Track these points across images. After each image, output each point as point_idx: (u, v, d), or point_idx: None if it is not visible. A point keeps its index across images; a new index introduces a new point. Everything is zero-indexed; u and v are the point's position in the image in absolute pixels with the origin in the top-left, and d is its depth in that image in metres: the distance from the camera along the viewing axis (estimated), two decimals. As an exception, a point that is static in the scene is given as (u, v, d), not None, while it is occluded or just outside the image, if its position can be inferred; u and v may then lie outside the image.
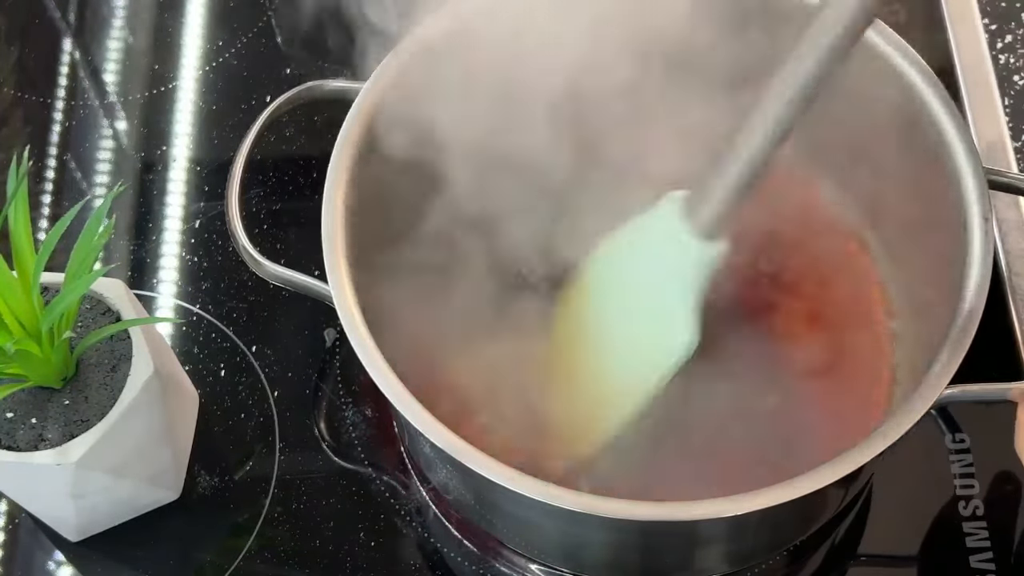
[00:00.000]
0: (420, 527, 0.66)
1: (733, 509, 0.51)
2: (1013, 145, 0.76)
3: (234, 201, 0.61)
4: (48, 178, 0.79)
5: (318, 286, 0.58)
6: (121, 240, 0.76)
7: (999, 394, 0.55)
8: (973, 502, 0.65)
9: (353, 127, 0.60)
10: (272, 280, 0.60)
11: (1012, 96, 0.78)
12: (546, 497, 0.51)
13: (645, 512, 0.51)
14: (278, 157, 0.78)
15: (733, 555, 0.62)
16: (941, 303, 0.56)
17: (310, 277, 0.59)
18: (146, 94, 0.82)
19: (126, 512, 0.65)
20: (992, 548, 0.64)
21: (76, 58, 0.84)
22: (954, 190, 0.58)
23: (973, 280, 0.55)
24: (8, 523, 0.67)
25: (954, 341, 0.53)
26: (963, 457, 0.66)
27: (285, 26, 0.84)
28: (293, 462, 0.68)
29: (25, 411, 0.59)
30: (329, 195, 0.59)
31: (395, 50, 0.62)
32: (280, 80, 0.81)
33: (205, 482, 0.67)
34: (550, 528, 0.59)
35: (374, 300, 0.57)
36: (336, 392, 0.70)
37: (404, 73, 0.62)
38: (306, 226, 0.73)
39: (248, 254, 0.60)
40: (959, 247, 0.56)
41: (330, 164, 0.60)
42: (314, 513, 0.66)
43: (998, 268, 0.71)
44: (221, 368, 0.71)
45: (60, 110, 0.82)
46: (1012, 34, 0.81)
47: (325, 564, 0.65)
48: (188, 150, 0.80)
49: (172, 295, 0.74)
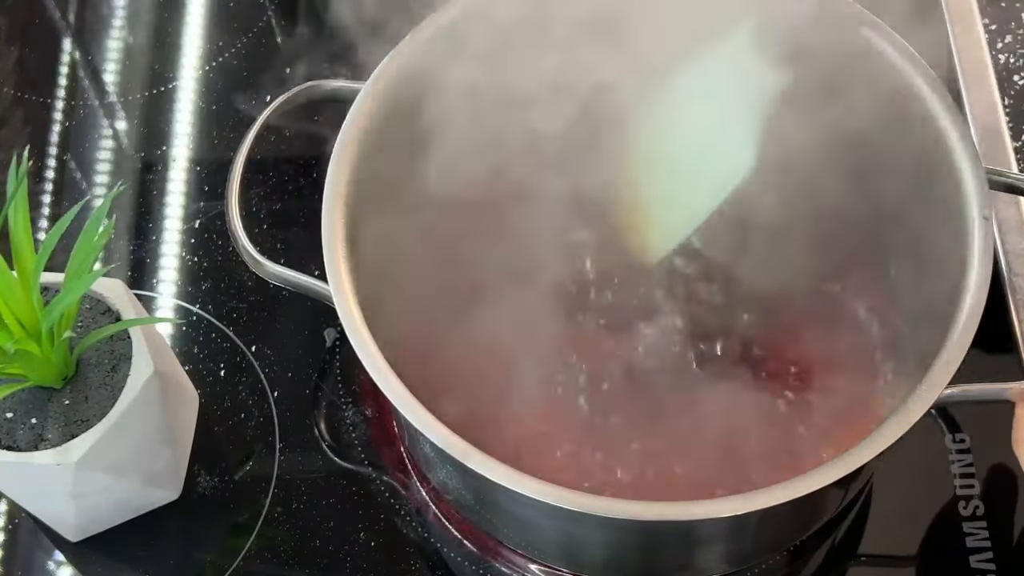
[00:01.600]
0: (420, 527, 0.66)
1: (732, 509, 0.50)
2: (1013, 145, 0.76)
3: (234, 201, 0.61)
4: (48, 178, 0.79)
5: (318, 286, 0.58)
6: (121, 240, 0.76)
7: (998, 394, 0.55)
8: (973, 502, 0.65)
9: (353, 127, 0.60)
10: (272, 280, 0.60)
11: (1012, 96, 0.78)
12: (545, 496, 0.51)
13: (644, 512, 0.51)
14: (278, 157, 0.78)
15: (733, 555, 0.62)
16: (941, 302, 0.56)
17: (310, 277, 0.59)
18: (146, 94, 0.82)
19: (126, 512, 0.65)
20: (992, 548, 0.64)
21: (76, 58, 0.84)
22: (954, 189, 0.58)
23: (973, 280, 0.55)
24: (8, 523, 0.67)
25: (954, 341, 0.53)
26: (963, 457, 0.66)
27: (285, 26, 0.84)
28: (293, 462, 0.68)
29: (25, 411, 0.59)
30: (329, 195, 0.59)
31: (395, 49, 0.62)
32: (280, 80, 0.81)
33: (205, 482, 0.67)
34: (550, 528, 0.59)
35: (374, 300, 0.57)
36: (336, 392, 0.70)
37: (404, 73, 0.62)
38: (306, 226, 0.73)
39: (248, 254, 0.60)
40: (959, 246, 0.56)
41: (330, 164, 0.59)
42: (314, 513, 0.66)
43: (998, 268, 0.71)
44: (221, 368, 0.71)
45: (60, 110, 0.82)
46: (1012, 34, 0.81)
47: (325, 564, 0.65)
48: (188, 150, 0.80)
49: (172, 295, 0.74)
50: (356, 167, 0.60)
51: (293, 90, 0.64)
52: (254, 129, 0.62)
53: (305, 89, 0.64)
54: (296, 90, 0.64)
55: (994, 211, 0.72)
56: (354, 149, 0.60)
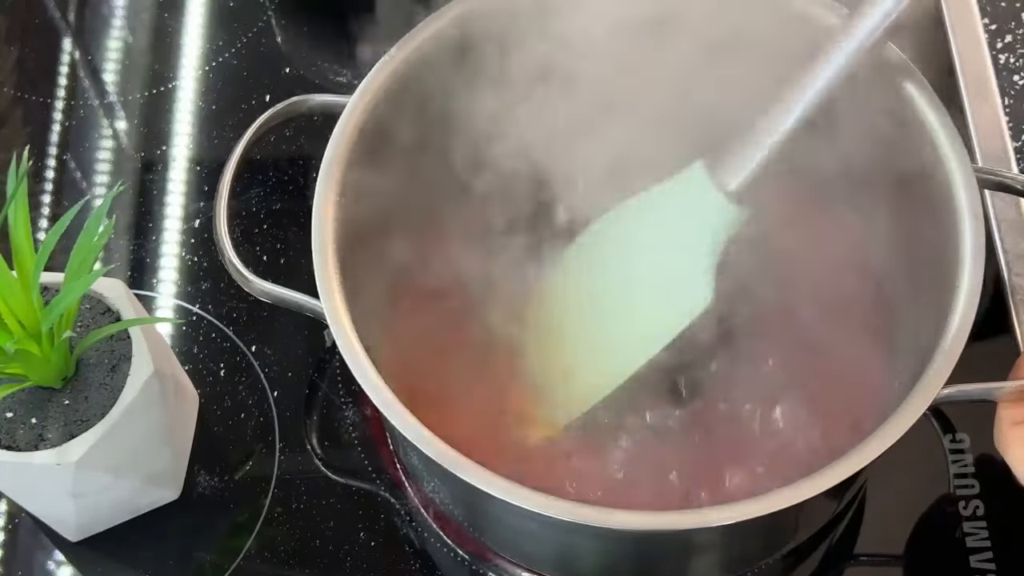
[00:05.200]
0: (419, 527, 0.66)
1: (726, 518, 0.50)
2: (1013, 145, 0.76)
3: (222, 217, 0.60)
4: (48, 178, 0.79)
5: (309, 302, 0.57)
6: (121, 240, 0.76)
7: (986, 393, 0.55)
8: (973, 502, 0.65)
9: (341, 140, 0.60)
10: (261, 297, 0.59)
11: (1012, 96, 0.78)
12: (535, 506, 0.50)
13: (634, 521, 0.51)
14: (278, 157, 0.78)
15: (728, 561, 0.62)
16: (936, 303, 0.56)
17: (298, 292, 0.58)
18: (146, 94, 0.82)
19: (126, 512, 0.65)
20: (992, 548, 0.64)
21: (76, 58, 0.84)
22: (945, 190, 0.57)
23: (966, 281, 0.55)
24: (8, 523, 0.68)
25: (949, 342, 0.53)
26: (962, 457, 0.66)
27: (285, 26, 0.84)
28: (293, 462, 0.68)
29: (25, 411, 0.59)
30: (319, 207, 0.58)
31: (381, 62, 0.61)
32: (280, 80, 0.81)
33: (205, 482, 0.68)
34: (541, 537, 0.58)
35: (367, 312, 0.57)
36: (335, 392, 0.70)
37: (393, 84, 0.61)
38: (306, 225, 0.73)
39: (237, 271, 0.59)
40: (953, 248, 0.56)
41: (319, 178, 0.59)
42: (314, 513, 0.66)
43: (998, 268, 0.71)
44: (221, 368, 0.71)
45: (60, 110, 0.82)
46: (1012, 34, 0.81)
47: (325, 564, 0.65)
48: (188, 150, 0.80)
49: (172, 295, 0.74)
50: (344, 180, 0.59)
51: (277, 106, 0.63)
52: (239, 148, 0.61)
53: (290, 104, 0.63)
54: (280, 106, 0.63)
55: (994, 211, 0.72)
56: (342, 164, 0.59)
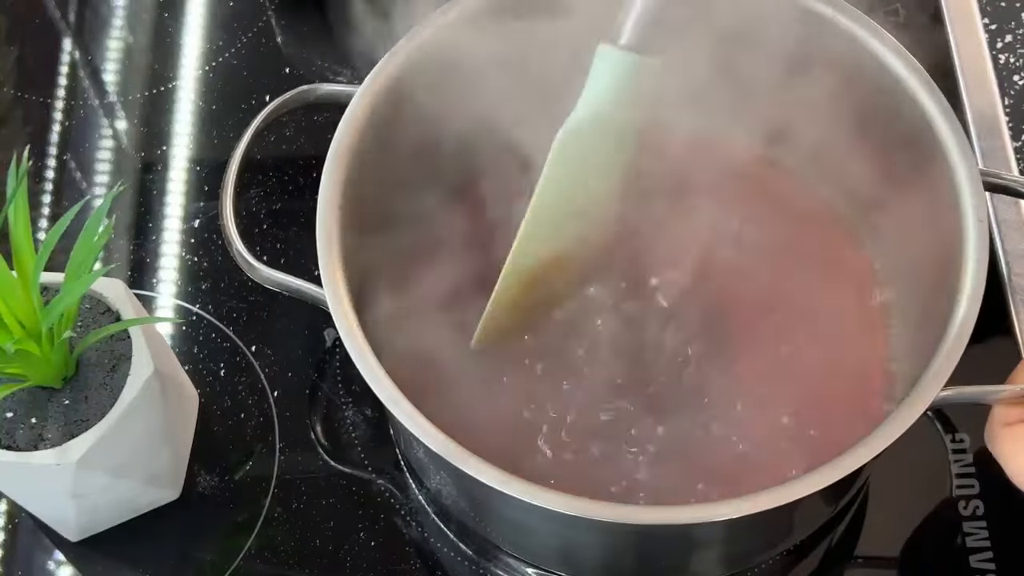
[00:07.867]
0: (420, 527, 0.66)
1: (728, 513, 0.50)
2: (1013, 145, 0.76)
3: (228, 207, 0.60)
4: (48, 178, 0.79)
5: (313, 290, 0.58)
6: (121, 240, 0.76)
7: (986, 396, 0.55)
8: (973, 502, 0.65)
9: (347, 131, 0.60)
10: (267, 284, 0.59)
11: (1012, 96, 0.78)
12: (539, 500, 0.50)
13: (637, 516, 0.51)
14: (278, 157, 0.78)
15: (729, 558, 0.62)
16: (937, 305, 0.56)
17: (305, 281, 0.58)
18: (146, 94, 0.82)
19: (126, 512, 0.65)
20: (992, 548, 0.64)
21: (76, 58, 0.84)
22: (950, 193, 0.57)
23: (969, 283, 0.55)
24: (8, 523, 0.68)
25: (950, 344, 0.53)
26: (962, 457, 0.66)
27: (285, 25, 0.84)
28: (293, 462, 0.68)
29: (25, 411, 0.59)
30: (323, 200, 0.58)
31: (390, 53, 0.62)
32: (280, 80, 0.81)
33: (205, 482, 0.68)
34: (545, 532, 0.58)
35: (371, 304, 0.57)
36: (336, 392, 0.70)
37: (399, 76, 0.61)
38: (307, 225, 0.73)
39: (243, 258, 0.59)
40: (955, 249, 0.56)
41: (324, 169, 0.59)
42: (314, 513, 0.66)
43: (998, 268, 0.71)
44: (221, 368, 0.71)
45: (60, 110, 0.82)
46: (1012, 34, 0.81)
47: (325, 564, 0.65)
48: (188, 150, 0.80)
49: (172, 295, 0.74)
50: (350, 171, 0.59)
51: (285, 95, 0.63)
52: (247, 135, 0.61)
53: (298, 93, 0.63)
54: (288, 94, 0.63)
55: (994, 212, 0.72)
56: (348, 153, 0.59)
